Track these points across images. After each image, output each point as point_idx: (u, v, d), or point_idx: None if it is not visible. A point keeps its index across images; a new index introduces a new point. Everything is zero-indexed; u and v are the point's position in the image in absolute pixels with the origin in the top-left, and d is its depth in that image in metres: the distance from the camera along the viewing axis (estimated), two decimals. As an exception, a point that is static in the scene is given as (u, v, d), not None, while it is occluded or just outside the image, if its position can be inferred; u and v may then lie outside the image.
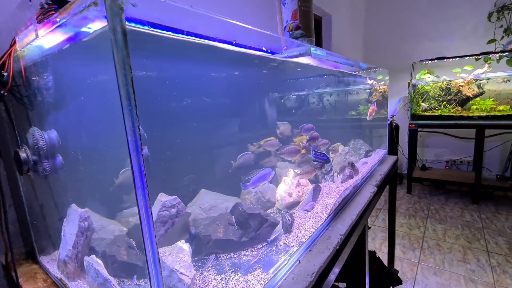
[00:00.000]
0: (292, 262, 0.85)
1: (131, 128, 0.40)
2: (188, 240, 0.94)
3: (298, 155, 1.21)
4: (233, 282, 0.76)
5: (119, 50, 0.38)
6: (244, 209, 0.95)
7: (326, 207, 1.12)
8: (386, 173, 1.81)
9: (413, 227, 3.40)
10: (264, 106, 1.58)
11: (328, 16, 3.86)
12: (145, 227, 0.44)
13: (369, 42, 5.05)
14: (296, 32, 0.92)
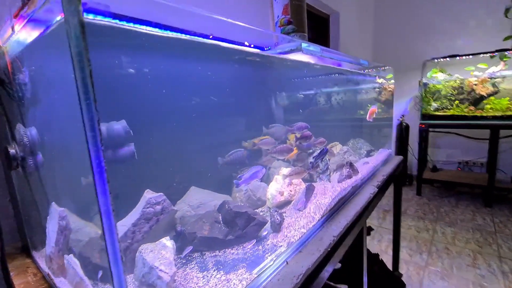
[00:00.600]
0: (279, 262, 0.83)
1: (89, 123, 0.40)
2: (174, 237, 0.94)
3: (290, 154, 1.19)
4: (214, 281, 0.75)
5: (76, 42, 0.37)
6: (231, 207, 0.94)
7: (320, 208, 1.09)
8: (390, 174, 1.76)
9: (421, 230, 3.31)
10: (263, 105, 1.56)
11: (336, 13, 3.79)
12: (106, 228, 0.43)
13: (378, 39, 4.94)
14: (287, 27, 0.90)
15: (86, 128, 0.40)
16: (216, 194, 1.14)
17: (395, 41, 4.76)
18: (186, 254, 0.83)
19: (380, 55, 4.97)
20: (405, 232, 3.28)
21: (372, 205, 1.41)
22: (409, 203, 4.08)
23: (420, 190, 4.26)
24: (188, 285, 0.74)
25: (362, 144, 1.84)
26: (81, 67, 0.38)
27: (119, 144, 0.81)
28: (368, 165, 1.65)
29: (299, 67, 1.57)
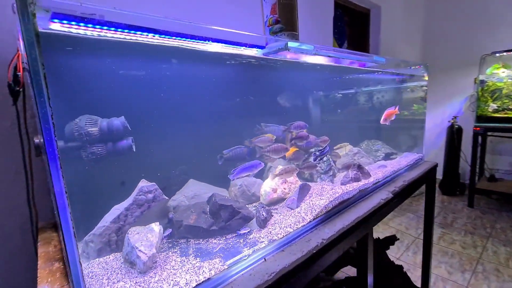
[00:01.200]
0: (257, 258, 0.85)
1: (44, 117, 0.48)
2: (167, 224, 1.02)
3: (286, 153, 1.19)
4: (189, 266, 0.81)
5: (31, 48, 0.46)
6: (216, 199, 0.99)
7: (313, 208, 1.08)
8: (413, 180, 1.62)
9: (468, 246, 2.94)
10: (279, 106, 1.58)
11: (377, 8, 3.58)
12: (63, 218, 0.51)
13: (429, 33, 4.49)
14: (275, 26, 0.91)
15: (41, 122, 0.49)
16: (212, 187, 1.20)
17: (448, 34, 4.28)
18: (166, 236, 0.90)
19: (430, 50, 4.51)
20: (447, 247, 2.96)
21: (383, 211, 1.33)
22: (457, 214, 3.65)
23: (472, 202, 3.78)
24: (165, 267, 0.81)
25: (380, 146, 1.72)
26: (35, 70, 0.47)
27: (118, 138, 0.92)
28: (386, 169, 1.55)
29: (315, 68, 1.55)
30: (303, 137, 1.24)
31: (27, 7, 0.44)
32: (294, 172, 1.15)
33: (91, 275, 0.76)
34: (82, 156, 0.86)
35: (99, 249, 0.85)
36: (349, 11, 3.45)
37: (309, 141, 1.27)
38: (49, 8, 0.48)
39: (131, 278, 0.76)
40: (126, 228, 0.90)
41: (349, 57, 1.20)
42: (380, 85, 2.03)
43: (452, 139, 3.99)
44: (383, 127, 1.77)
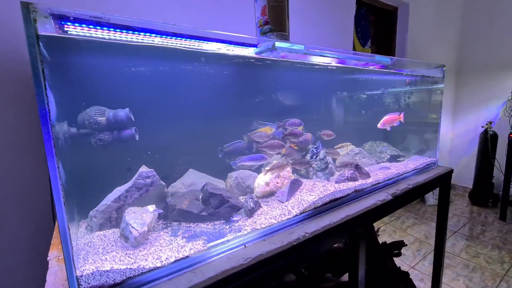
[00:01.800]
0: (237, 244, 0.91)
1: (42, 103, 0.59)
2: (164, 207, 1.12)
3: (281, 149, 1.23)
4: (174, 245, 0.89)
5: (32, 48, 0.57)
6: (208, 188, 1.06)
7: (301, 203, 1.12)
8: (419, 184, 1.57)
9: (493, 261, 2.75)
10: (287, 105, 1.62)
11: (405, 5, 3.43)
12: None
13: (466, 32, 4.19)
14: (264, 27, 0.95)
15: (39, 108, 0.59)
16: (210, 178, 1.29)
17: (487, 34, 3.96)
18: (154, 211, 0.99)
19: (466, 51, 4.22)
20: (469, 260, 2.78)
21: (378, 213, 1.32)
22: (486, 227, 3.40)
23: (505, 214, 3.49)
24: (154, 244, 0.90)
25: (385, 148, 1.68)
26: (36, 68, 0.57)
27: (123, 127, 1.04)
28: (389, 171, 1.53)
29: (318, 69, 1.57)
30: (296, 134, 1.27)
31: (29, 13, 0.54)
32: (285, 167, 1.19)
33: (90, 244, 0.87)
34: (91, 141, 0.99)
35: (101, 224, 0.97)
36: (374, 9, 3.35)
37: (306, 139, 1.29)
38: (48, 15, 0.59)
39: (123, 250, 0.86)
40: (125, 207, 1.01)
41: (346, 57, 1.20)
42: (390, 87, 1.98)
43: (486, 146, 3.71)
44: (393, 129, 1.74)
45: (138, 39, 0.89)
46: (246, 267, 0.83)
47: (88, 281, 0.64)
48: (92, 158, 1.04)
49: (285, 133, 1.26)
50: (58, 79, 0.91)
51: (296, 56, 1.36)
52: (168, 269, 0.76)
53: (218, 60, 1.27)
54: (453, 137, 4.57)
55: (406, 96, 1.91)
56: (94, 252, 0.83)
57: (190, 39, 0.99)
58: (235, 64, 1.28)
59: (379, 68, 1.74)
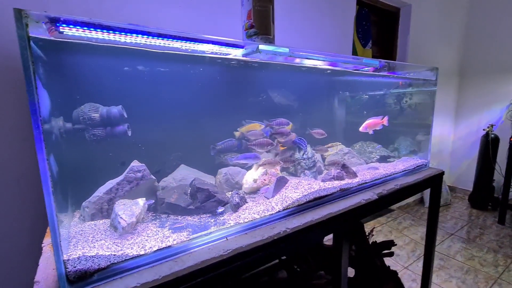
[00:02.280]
0: (219, 236, 0.96)
1: (32, 97, 0.64)
2: (154, 200, 1.18)
3: (270, 147, 1.27)
4: (159, 235, 0.95)
5: (23, 50, 0.62)
6: (195, 183, 1.11)
7: (284, 200, 1.16)
8: (408, 185, 1.60)
9: (488, 264, 2.75)
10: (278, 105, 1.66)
11: (407, 6, 3.43)
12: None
13: (470, 34, 4.15)
14: (250, 31, 0.99)
15: (29, 100, 0.64)
16: (200, 173, 1.34)
17: (492, 36, 3.92)
18: (146, 203, 1.05)
19: (470, 53, 4.18)
20: (464, 262, 2.79)
21: (363, 212, 1.35)
22: (484, 230, 3.40)
23: (503, 218, 3.48)
24: (141, 234, 0.96)
25: (375, 148, 1.70)
26: (27, 66, 0.62)
27: (115, 123, 1.09)
28: (377, 171, 1.56)
29: (314, 71, 1.60)
30: (283, 133, 1.31)
31: (21, 19, 0.59)
32: (276, 164, 1.23)
33: (81, 233, 0.93)
34: (85, 136, 1.05)
35: (93, 214, 1.03)
36: (376, 10, 3.36)
37: (291, 139, 1.33)
38: (39, 20, 0.64)
39: (111, 238, 0.92)
40: (116, 199, 1.07)
41: (333, 59, 1.23)
42: (382, 89, 2.00)
43: (486, 149, 3.69)
44: (384, 130, 1.77)
45: (132, 40, 0.94)
46: (226, 258, 0.88)
47: (74, 264, 0.70)
48: (87, 152, 1.10)
49: (272, 132, 1.30)
50: (53, 77, 0.97)
51: (291, 59, 1.40)
52: (150, 257, 0.81)
53: (210, 62, 1.31)
54: (455, 140, 4.55)
55: (398, 98, 1.93)
56: (84, 240, 0.89)
57: (185, 41, 1.04)
58: (227, 66, 1.33)
59: (372, 71, 1.76)
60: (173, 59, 1.29)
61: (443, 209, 4.02)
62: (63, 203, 1.03)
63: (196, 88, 1.41)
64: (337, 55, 1.21)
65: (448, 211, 3.98)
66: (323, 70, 1.77)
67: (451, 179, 4.66)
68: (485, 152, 3.71)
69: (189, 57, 1.28)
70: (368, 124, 1.53)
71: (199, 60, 1.31)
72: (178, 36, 0.88)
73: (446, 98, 4.27)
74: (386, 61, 1.46)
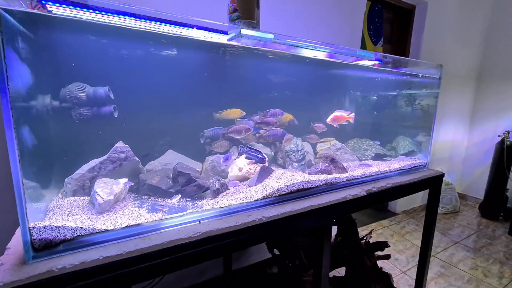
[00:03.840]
0: (193, 219, 0.97)
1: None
2: (137, 182, 1.19)
3: (246, 134, 1.26)
4: (136, 214, 0.96)
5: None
6: (177, 167, 1.12)
7: (264, 189, 1.15)
8: (400, 184, 1.55)
9: (491, 275, 2.64)
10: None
11: (423, 4, 3.31)
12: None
13: (493, 34, 3.95)
14: (233, 14, 0.98)
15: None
16: (188, 159, 1.35)
17: (514, 37, 3.72)
18: (126, 184, 1.06)
19: (490, 55, 3.99)
20: (466, 271, 2.69)
21: (348, 207, 1.31)
22: (492, 241, 3.25)
23: (514, 229, 3.32)
24: (118, 212, 0.98)
25: (371, 146, 1.64)
26: None
27: (102, 104, 1.12)
28: (369, 168, 1.52)
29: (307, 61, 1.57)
30: (269, 122, 1.29)
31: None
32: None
33: (59, 207, 0.96)
34: (71, 114, 1.07)
35: (74, 190, 1.06)
36: (390, 7, 3.25)
37: (275, 134, 1.31)
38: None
39: (88, 214, 0.94)
40: (98, 178, 1.09)
41: (324, 49, 1.20)
42: (382, 86, 1.93)
43: (501, 156, 3.52)
44: (382, 128, 1.72)
45: (116, 22, 0.96)
46: (195, 240, 0.89)
47: (40, 233, 0.72)
48: (74, 131, 1.13)
49: (257, 121, 1.28)
50: (38, 54, 1.00)
51: (287, 48, 1.38)
52: (118, 233, 0.83)
53: (197, 46, 1.31)
54: (469, 146, 4.36)
55: (398, 95, 1.87)
56: (60, 213, 0.92)
57: (170, 24, 1.04)
58: (224, 52, 1.33)
59: (377, 65, 1.71)
60: (165, 41, 1.30)
61: (450, 216, 3.88)
62: (45, 178, 1.06)
63: (189, 73, 1.42)
64: (330, 44, 1.17)
65: (456, 219, 3.84)
66: (316, 61, 1.73)
67: (462, 187, 4.48)
68: (500, 159, 3.54)
69: (181, 39, 1.29)
70: (336, 116, 1.48)
71: (191, 43, 1.31)
72: (157, 17, 0.89)
73: (461, 102, 4.09)
74: (383, 54, 1.41)
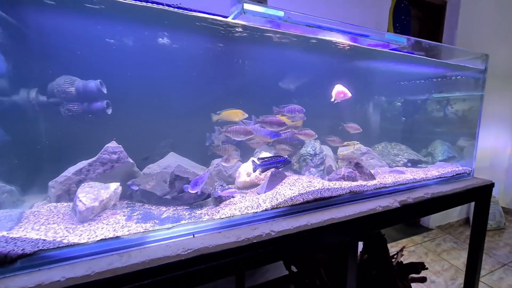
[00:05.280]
0: (185, 232, 0.81)
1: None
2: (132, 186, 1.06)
3: (247, 136, 1.08)
4: (120, 224, 0.82)
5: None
6: (175, 170, 0.97)
7: (275, 197, 0.97)
8: (442, 195, 1.30)
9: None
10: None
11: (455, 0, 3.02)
12: None
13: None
14: (237, -9, 0.84)
15: None
16: (191, 163, 1.20)
17: None
18: (115, 190, 0.93)
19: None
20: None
21: (377, 221, 1.09)
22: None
23: None
24: (102, 221, 0.84)
25: (402, 151, 1.40)
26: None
27: (93, 99, 1.00)
28: (402, 175, 1.29)
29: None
30: (273, 122, 1.10)
31: None
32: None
33: (36, 214, 0.84)
34: (59, 110, 0.97)
35: (59, 195, 0.94)
36: (418, 3, 3.01)
37: (292, 137, 1.13)
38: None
39: (66, 223, 0.81)
40: (87, 181, 0.96)
41: (345, 30, 1.01)
42: (415, 78, 1.69)
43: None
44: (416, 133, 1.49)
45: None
46: (184, 259, 0.72)
47: (-8, 245, 0.59)
48: (63, 129, 1.02)
49: (258, 120, 1.10)
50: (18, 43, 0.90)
51: (303, 30, 1.18)
52: (92, 248, 0.68)
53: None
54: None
55: (437, 92, 1.62)
56: (34, 221, 0.79)
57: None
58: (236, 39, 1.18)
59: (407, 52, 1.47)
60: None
61: (494, 234, 3.43)
62: (28, 182, 0.95)
63: (199, 69, 1.29)
64: (351, 25, 0.99)
65: (501, 237, 3.38)
66: (339, 49, 1.53)
67: (506, 200, 3.98)
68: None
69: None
70: (340, 91, 1.22)
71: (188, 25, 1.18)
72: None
73: (503, 105, 3.68)
74: (417, 39, 1.19)
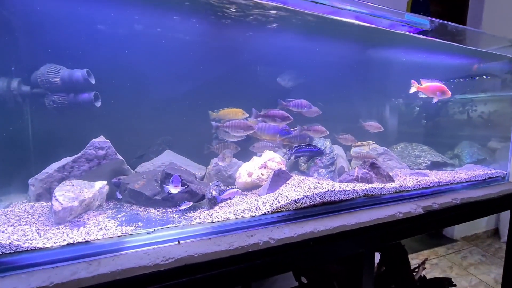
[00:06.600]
0: (171, 238, 0.70)
1: None
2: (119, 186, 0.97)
3: (247, 131, 0.97)
4: (103, 225, 0.72)
5: None
6: (166, 168, 0.88)
7: (276, 199, 0.85)
8: (473, 201, 1.13)
9: None
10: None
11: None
12: None
13: None
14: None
15: None
16: (188, 161, 1.11)
17: None
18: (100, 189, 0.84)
19: None
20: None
21: (396, 229, 0.95)
22: None
23: None
24: (82, 221, 0.75)
25: (425, 153, 1.23)
26: None
27: (79, 90, 0.93)
28: (424, 178, 1.13)
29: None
30: (276, 116, 0.98)
31: None
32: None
33: (8, 214, 0.76)
34: (44, 102, 0.90)
35: (39, 194, 0.86)
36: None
37: (303, 134, 1.01)
38: None
39: (40, 224, 0.73)
40: (70, 179, 0.88)
41: (355, 9, 0.88)
42: (439, 69, 1.52)
43: None
44: (439, 133, 1.33)
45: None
46: (164, 270, 0.61)
47: None
48: (49, 123, 0.95)
49: (259, 114, 0.98)
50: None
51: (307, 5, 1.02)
52: (56, 254, 0.59)
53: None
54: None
55: (465, 86, 1.45)
56: (5, 222, 0.71)
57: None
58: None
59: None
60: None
61: (528, 247, 3.11)
62: (6, 179, 0.88)
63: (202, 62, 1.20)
64: (364, 3, 0.86)
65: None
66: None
67: (541, 209, 3.64)
68: None
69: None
70: (434, 87, 1.04)
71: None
72: None
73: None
74: (442, 21, 1.03)
